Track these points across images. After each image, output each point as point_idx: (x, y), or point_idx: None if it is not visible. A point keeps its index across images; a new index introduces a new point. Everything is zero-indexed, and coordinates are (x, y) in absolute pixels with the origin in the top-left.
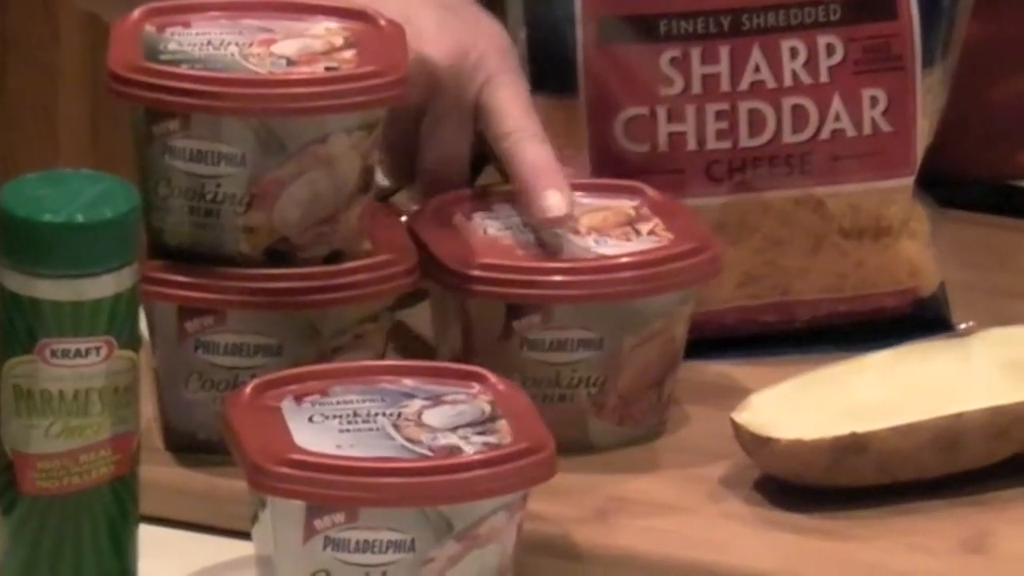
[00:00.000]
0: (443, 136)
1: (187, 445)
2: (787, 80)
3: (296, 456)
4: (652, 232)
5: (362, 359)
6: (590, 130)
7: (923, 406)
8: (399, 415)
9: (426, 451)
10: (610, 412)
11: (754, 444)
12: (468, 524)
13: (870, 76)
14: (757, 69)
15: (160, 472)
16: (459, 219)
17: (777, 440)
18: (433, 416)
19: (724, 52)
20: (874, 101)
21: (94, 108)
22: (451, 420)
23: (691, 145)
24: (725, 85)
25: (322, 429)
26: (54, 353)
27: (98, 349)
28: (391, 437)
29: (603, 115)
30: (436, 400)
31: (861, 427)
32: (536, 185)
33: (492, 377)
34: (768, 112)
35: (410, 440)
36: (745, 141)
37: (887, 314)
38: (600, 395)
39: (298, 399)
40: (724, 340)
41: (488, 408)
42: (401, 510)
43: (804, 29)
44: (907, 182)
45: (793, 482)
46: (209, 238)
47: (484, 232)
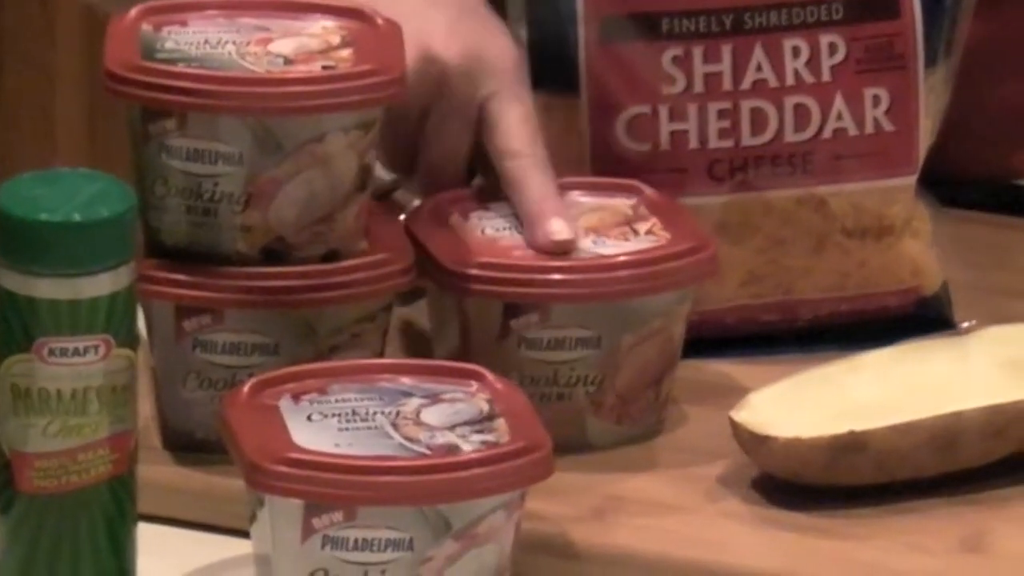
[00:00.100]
0: (446, 135)
1: (185, 444)
2: (789, 79)
3: (294, 455)
4: (650, 232)
5: (359, 358)
6: (592, 129)
7: (921, 405)
8: (397, 414)
9: (424, 450)
10: (608, 411)
11: (752, 443)
12: (466, 523)
13: (872, 75)
14: (759, 68)
15: (158, 471)
16: (456, 218)
17: (775, 439)
18: (431, 415)
19: (726, 51)
20: (876, 100)
21: (91, 107)
22: (449, 419)
23: (693, 144)
24: (727, 84)
25: (320, 428)
26: (51, 352)
27: (96, 348)
28: (389, 436)
29: (605, 114)
30: (434, 399)
31: (859, 426)
32: (541, 212)
33: (490, 376)
34: (770, 111)
35: (408, 439)
36: (747, 140)
37: (889, 313)
38: (598, 394)
39: (296, 398)
40: (725, 339)
41: (486, 407)
42: (399, 509)
43: (806, 28)
44: (909, 181)
45: (791, 481)
46: (206, 237)
47: (482, 232)
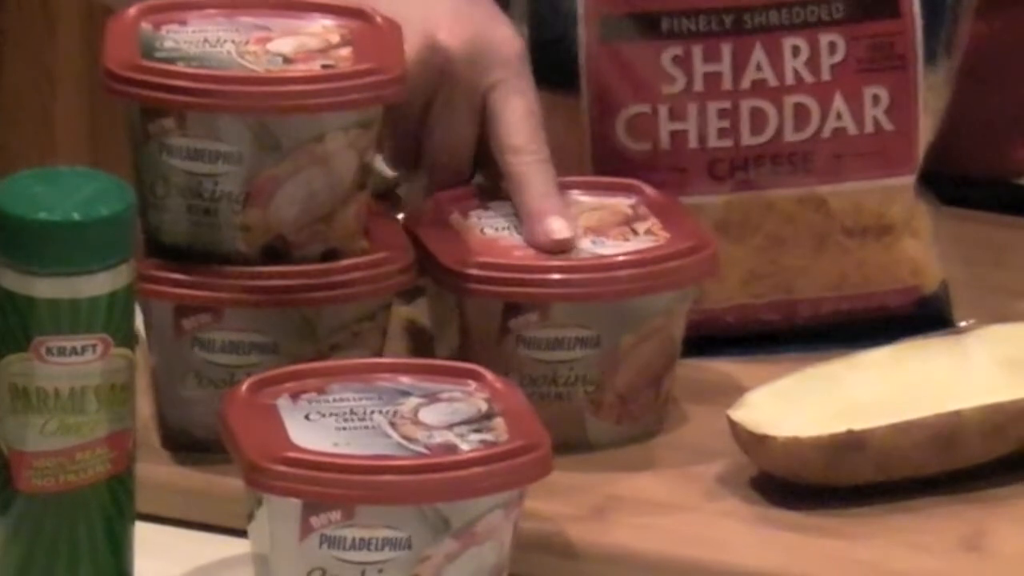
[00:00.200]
0: (451, 125)
1: (184, 443)
2: (789, 78)
3: (292, 454)
4: (649, 231)
5: (359, 357)
6: (592, 128)
7: (921, 403)
8: (395, 413)
9: (422, 449)
10: (608, 410)
11: (751, 442)
12: (465, 522)
13: (872, 74)
14: (759, 67)
15: (157, 470)
16: (457, 218)
17: (774, 438)
18: (429, 414)
19: (726, 50)
20: (876, 99)
21: (91, 107)
22: (447, 418)
23: (693, 143)
24: (727, 83)
25: (318, 427)
26: (50, 351)
27: (94, 347)
28: (387, 435)
29: (605, 113)
30: (432, 398)
31: (858, 425)
32: (541, 210)
33: (489, 375)
34: (770, 110)
35: (406, 438)
36: (747, 139)
37: (889, 312)
38: (597, 393)
39: (294, 397)
40: (725, 338)
41: (484, 406)
42: (398, 508)
43: (806, 27)
44: (909, 180)
45: (790, 480)
46: (206, 236)
47: (482, 231)
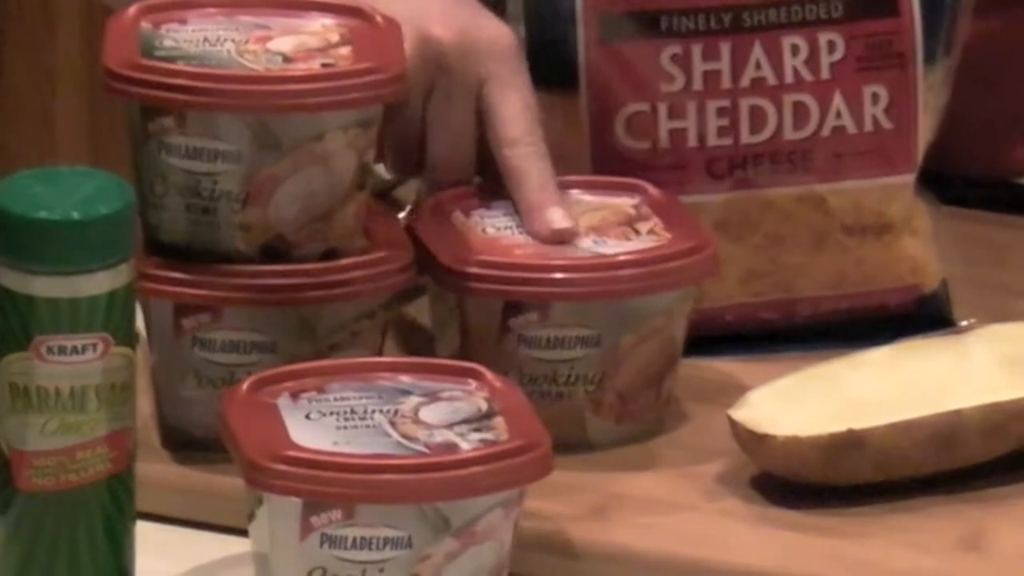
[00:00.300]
0: (451, 118)
1: (184, 442)
2: (788, 77)
3: (293, 453)
4: (651, 231)
5: (358, 356)
6: (591, 127)
7: (921, 403)
8: (396, 412)
9: (423, 448)
10: (608, 410)
11: (751, 441)
12: (465, 521)
13: (872, 73)
14: (758, 66)
15: (157, 469)
16: (458, 217)
17: (774, 437)
18: (430, 413)
19: (725, 49)
20: (875, 98)
21: (91, 107)
22: (448, 417)
23: (692, 142)
24: (726, 82)
25: (319, 426)
26: (50, 350)
27: (94, 346)
28: (387, 434)
29: (604, 112)
30: (433, 397)
31: (858, 424)
32: (540, 201)
33: (489, 374)
34: (769, 109)
35: (407, 437)
36: (746, 138)
37: (889, 311)
38: (598, 393)
39: (295, 396)
40: (725, 338)
41: (485, 405)
42: (398, 507)
43: (806, 26)
44: (909, 179)
45: (790, 479)
46: (205, 235)
47: (483, 230)
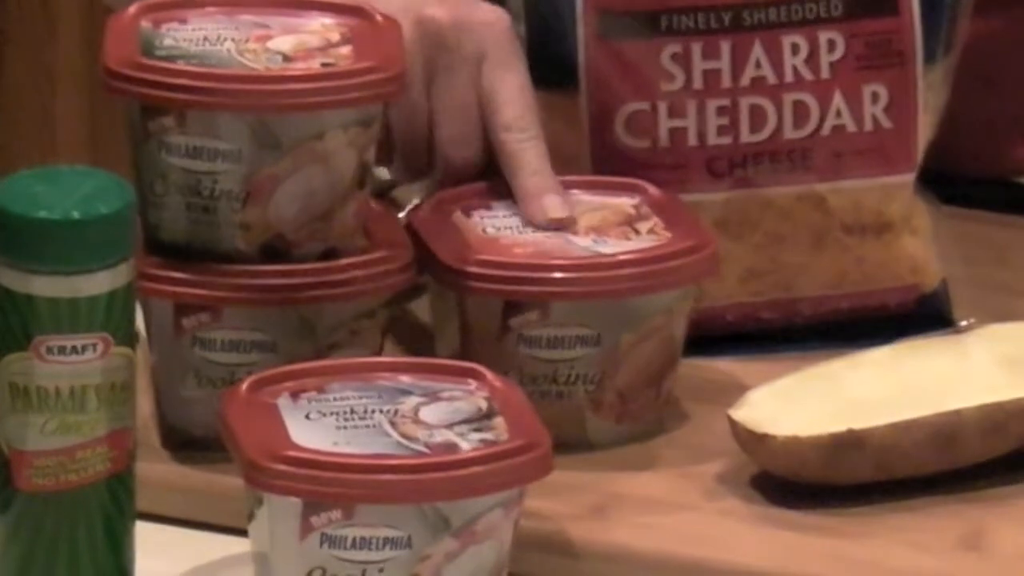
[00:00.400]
0: (455, 93)
1: (184, 442)
2: (788, 76)
3: (292, 453)
4: (651, 231)
5: (358, 356)
6: (591, 126)
7: (921, 402)
8: (396, 412)
9: (423, 448)
10: (608, 409)
11: (751, 441)
12: (465, 521)
13: (871, 72)
14: (758, 65)
15: (157, 469)
16: (458, 216)
17: (774, 437)
18: (430, 413)
19: (725, 47)
20: (875, 97)
21: (92, 107)
22: (448, 417)
23: (692, 141)
24: (726, 81)
25: (318, 426)
26: (50, 350)
27: (94, 346)
28: (387, 434)
29: (604, 110)
30: (433, 397)
31: (858, 424)
32: (536, 188)
33: (489, 374)
34: (769, 108)
35: (406, 437)
36: (746, 137)
37: (889, 311)
38: (598, 392)
39: (294, 396)
40: (725, 337)
41: (485, 405)
42: (398, 507)
43: (805, 25)
44: (908, 178)
45: (790, 479)
46: (205, 234)
47: (483, 230)
